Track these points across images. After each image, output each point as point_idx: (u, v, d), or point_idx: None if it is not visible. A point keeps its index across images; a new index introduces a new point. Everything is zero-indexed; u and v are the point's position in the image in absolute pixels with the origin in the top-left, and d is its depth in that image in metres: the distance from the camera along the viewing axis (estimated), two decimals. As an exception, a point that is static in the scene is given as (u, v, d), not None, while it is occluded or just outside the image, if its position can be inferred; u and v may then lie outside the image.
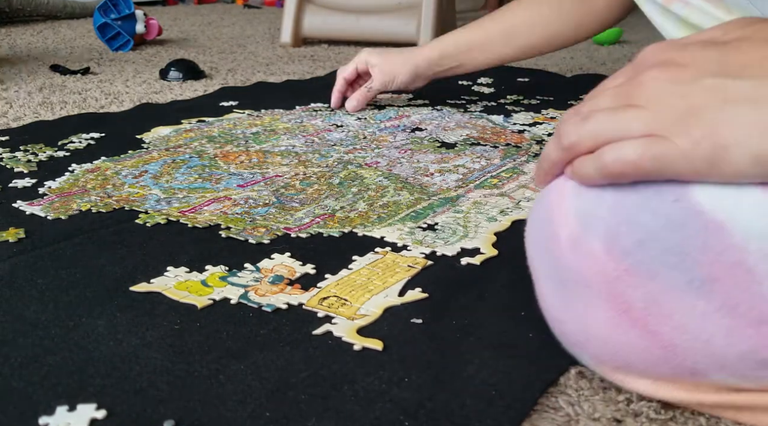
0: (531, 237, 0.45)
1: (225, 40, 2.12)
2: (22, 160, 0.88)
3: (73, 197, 0.76)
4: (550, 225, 0.42)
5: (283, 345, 0.49)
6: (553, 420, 0.42)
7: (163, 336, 0.49)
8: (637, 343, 0.39)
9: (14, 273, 0.59)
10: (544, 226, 0.43)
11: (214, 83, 1.40)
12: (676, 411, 0.42)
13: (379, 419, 0.41)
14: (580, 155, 0.40)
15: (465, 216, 0.71)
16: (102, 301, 0.54)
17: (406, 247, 0.64)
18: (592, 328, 0.41)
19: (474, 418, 0.41)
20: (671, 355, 0.39)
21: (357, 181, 0.81)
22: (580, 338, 0.42)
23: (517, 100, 1.25)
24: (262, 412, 0.42)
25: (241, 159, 0.89)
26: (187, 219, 0.70)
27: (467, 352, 0.48)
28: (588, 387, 0.45)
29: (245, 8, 3.39)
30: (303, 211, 0.72)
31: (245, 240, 0.65)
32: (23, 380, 0.45)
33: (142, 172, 0.84)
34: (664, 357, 0.39)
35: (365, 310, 0.53)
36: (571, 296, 0.41)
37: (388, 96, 1.27)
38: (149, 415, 0.41)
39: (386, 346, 0.48)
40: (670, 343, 0.38)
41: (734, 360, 0.37)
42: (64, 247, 0.64)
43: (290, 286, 0.57)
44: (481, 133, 1.02)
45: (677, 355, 0.39)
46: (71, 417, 0.41)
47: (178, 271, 0.59)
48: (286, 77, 1.47)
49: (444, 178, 0.83)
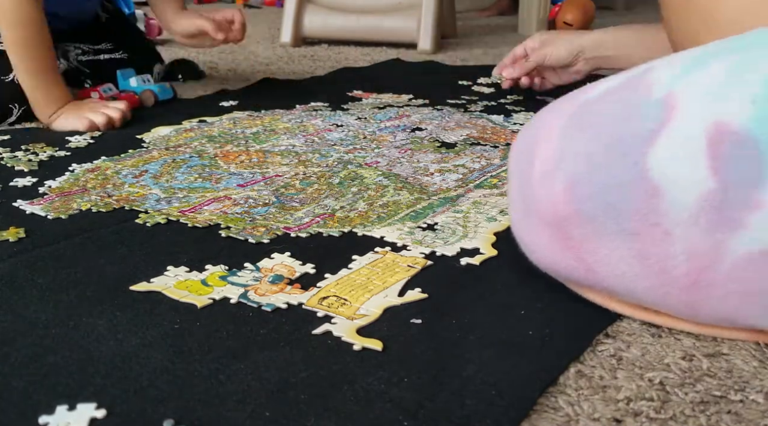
0: (513, 158, 0.56)
1: (225, 39, 2.12)
2: (23, 159, 0.88)
3: (74, 197, 0.76)
4: (530, 155, 0.52)
5: (283, 345, 0.49)
6: (553, 420, 0.42)
7: (163, 335, 0.49)
8: (569, 263, 0.51)
9: (14, 273, 0.59)
10: (526, 155, 0.53)
11: (214, 83, 1.40)
12: (676, 410, 0.42)
13: (378, 419, 0.41)
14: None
15: (465, 216, 0.71)
16: (102, 301, 0.54)
17: (405, 247, 0.64)
18: (540, 245, 0.53)
19: (474, 418, 0.41)
20: (592, 277, 0.51)
21: (357, 181, 0.81)
22: (533, 249, 0.55)
23: (517, 100, 1.25)
24: (262, 411, 0.42)
25: (241, 159, 0.89)
26: (187, 218, 0.70)
27: (467, 352, 0.48)
28: (588, 387, 0.45)
29: (245, 8, 3.39)
30: (303, 211, 0.72)
31: (245, 239, 0.65)
32: (23, 380, 0.45)
33: (143, 171, 0.84)
34: (587, 277, 0.51)
35: (365, 310, 0.53)
36: (528, 214, 0.53)
37: (389, 95, 1.27)
38: (149, 414, 0.41)
39: (386, 346, 0.48)
40: (593, 269, 0.50)
41: (639, 291, 0.49)
42: (64, 247, 0.64)
43: (290, 286, 0.57)
44: (481, 133, 1.02)
45: (597, 279, 0.51)
46: (71, 416, 0.41)
47: (178, 270, 0.59)
48: (286, 77, 1.48)
49: (444, 177, 0.83)
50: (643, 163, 0.46)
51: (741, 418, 0.42)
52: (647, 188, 0.46)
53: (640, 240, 0.47)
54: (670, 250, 0.46)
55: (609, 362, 0.47)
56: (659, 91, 0.47)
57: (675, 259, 0.46)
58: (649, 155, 0.45)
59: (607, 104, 0.50)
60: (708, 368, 0.47)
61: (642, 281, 0.48)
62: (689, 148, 0.45)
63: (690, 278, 0.46)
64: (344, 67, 1.59)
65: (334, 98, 1.24)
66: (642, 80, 0.49)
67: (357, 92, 1.30)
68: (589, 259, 0.50)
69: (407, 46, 1.90)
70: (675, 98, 0.46)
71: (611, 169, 0.47)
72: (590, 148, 0.49)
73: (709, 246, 0.45)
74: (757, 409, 0.43)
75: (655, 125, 0.46)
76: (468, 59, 1.76)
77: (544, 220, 0.51)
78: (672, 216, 0.45)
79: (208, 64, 1.63)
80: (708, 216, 0.44)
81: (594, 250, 0.49)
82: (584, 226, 0.49)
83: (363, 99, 1.25)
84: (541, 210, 0.51)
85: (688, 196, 0.45)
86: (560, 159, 0.50)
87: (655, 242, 0.46)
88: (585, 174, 0.48)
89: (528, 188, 0.52)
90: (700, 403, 0.43)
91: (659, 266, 0.47)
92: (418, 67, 1.63)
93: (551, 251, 0.52)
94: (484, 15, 2.81)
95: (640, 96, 0.48)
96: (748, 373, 0.46)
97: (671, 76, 0.48)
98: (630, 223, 0.47)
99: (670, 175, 0.45)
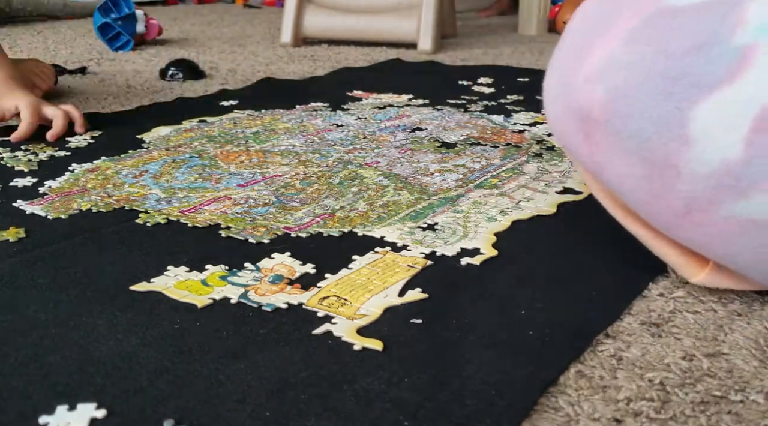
0: (575, 21, 0.55)
1: (225, 40, 2.12)
2: (23, 159, 0.88)
3: (74, 197, 0.76)
4: (591, 39, 0.52)
5: (283, 345, 0.49)
6: (553, 420, 0.42)
7: (163, 335, 0.49)
8: (583, 150, 0.53)
9: (14, 273, 0.59)
10: (589, 33, 0.53)
11: (214, 83, 1.40)
12: (677, 410, 0.42)
13: (378, 419, 0.41)
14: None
15: (465, 216, 0.71)
16: (102, 301, 0.54)
17: (405, 247, 0.64)
18: (562, 121, 0.54)
19: (474, 418, 0.41)
20: (596, 168, 0.53)
21: (357, 181, 0.81)
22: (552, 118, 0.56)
23: (517, 100, 1.25)
24: (262, 412, 0.42)
25: (241, 159, 0.89)
26: (187, 219, 0.70)
27: (467, 352, 0.48)
28: (588, 387, 0.45)
29: (245, 8, 3.39)
30: (303, 211, 0.72)
31: (245, 239, 0.65)
32: (23, 380, 0.45)
33: (143, 171, 0.84)
34: (593, 167, 0.54)
35: (365, 310, 0.53)
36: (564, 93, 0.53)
37: (389, 95, 1.27)
38: (149, 414, 0.41)
39: (386, 346, 0.48)
40: (601, 166, 0.52)
41: (629, 198, 0.53)
42: (64, 247, 0.64)
43: (290, 286, 0.57)
44: (482, 133, 1.02)
45: (600, 171, 0.53)
46: (71, 416, 0.41)
47: (178, 270, 0.59)
48: (286, 77, 1.48)
49: (444, 177, 0.83)
50: (688, 110, 0.46)
51: (741, 418, 0.42)
52: (681, 134, 0.46)
53: (652, 168, 0.49)
54: (676, 186, 0.48)
55: (609, 362, 0.47)
56: (744, 36, 0.45)
57: (676, 193, 0.48)
58: (698, 106, 0.45)
59: (683, 24, 0.47)
60: (708, 368, 0.47)
61: (640, 194, 0.51)
62: (738, 116, 0.45)
63: (682, 211, 0.49)
64: (344, 67, 1.59)
65: (334, 98, 1.24)
66: (734, 9, 0.46)
67: (357, 92, 1.30)
68: (601, 159, 0.52)
69: (407, 46, 1.90)
70: (753, 54, 0.44)
71: (655, 102, 0.47)
72: (645, 72, 0.48)
73: (709, 199, 0.47)
74: (758, 410, 0.43)
75: (719, 77, 0.45)
76: (468, 59, 1.76)
77: (574, 109, 0.52)
78: (691, 166, 0.47)
79: (209, 64, 1.63)
80: (721, 179, 0.46)
81: (608, 154, 0.51)
82: (609, 136, 0.50)
83: (363, 99, 1.25)
84: (576, 101, 0.52)
85: (714, 155, 0.46)
86: (613, 68, 0.49)
87: (664, 175, 0.48)
88: (628, 95, 0.48)
89: (573, 74, 0.52)
90: (701, 403, 0.43)
91: (660, 192, 0.49)
92: (418, 67, 1.63)
93: (570, 132, 0.54)
94: (484, 15, 2.82)
95: (722, 33, 0.45)
96: (749, 373, 0.46)
97: (762, 22, 0.45)
98: (650, 154, 0.48)
99: (708, 134, 0.45)
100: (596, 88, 0.50)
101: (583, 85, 0.51)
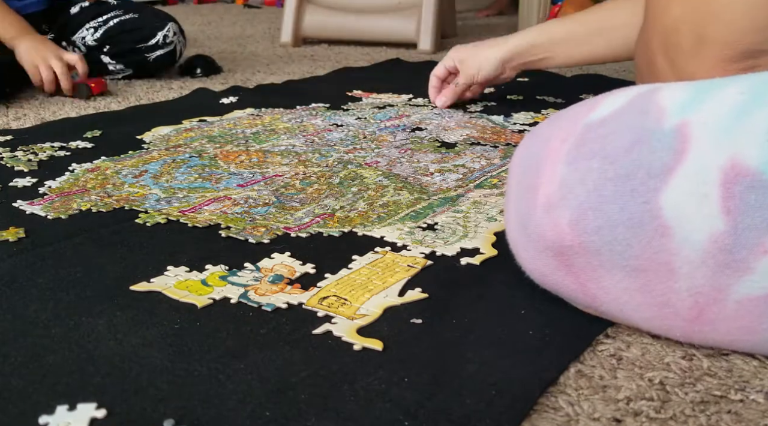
0: (514, 171, 0.54)
1: (225, 40, 2.12)
2: (23, 159, 0.88)
3: (73, 197, 0.76)
4: (535, 175, 0.50)
5: (283, 344, 0.49)
6: (553, 420, 0.42)
7: (163, 335, 0.49)
8: (569, 285, 0.50)
9: (14, 273, 0.59)
10: (530, 172, 0.51)
11: (214, 83, 1.40)
12: (677, 410, 0.42)
13: (379, 419, 0.41)
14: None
15: (465, 216, 0.71)
16: (102, 301, 0.54)
17: (405, 247, 0.64)
18: (538, 264, 0.52)
19: (474, 418, 0.41)
20: (591, 301, 0.50)
21: (357, 181, 0.81)
22: (528, 266, 0.53)
23: (517, 100, 1.25)
24: (262, 411, 0.42)
25: (241, 159, 0.89)
26: (187, 218, 0.70)
27: (467, 352, 0.48)
28: (588, 386, 0.45)
29: (245, 8, 3.39)
30: (303, 211, 0.72)
31: (245, 239, 0.65)
32: (23, 379, 0.45)
33: (142, 171, 0.84)
34: (586, 300, 0.51)
35: (365, 309, 0.53)
36: (528, 236, 0.51)
37: (389, 95, 1.27)
38: (149, 414, 0.41)
39: (386, 346, 0.48)
40: (594, 296, 0.49)
41: (636, 320, 0.49)
42: (64, 247, 0.64)
43: (290, 286, 0.57)
44: (481, 133, 1.02)
45: (596, 303, 0.50)
46: (71, 416, 0.41)
47: (178, 270, 0.59)
48: (286, 77, 1.48)
49: (444, 177, 0.83)
50: (655, 202, 0.44)
51: (741, 417, 0.42)
52: (657, 227, 0.44)
53: (645, 275, 0.46)
54: (675, 286, 0.45)
55: (609, 362, 0.47)
56: (671, 118, 0.46)
57: (679, 295, 0.46)
58: (662, 193, 0.44)
59: (614, 129, 0.47)
60: (708, 368, 0.47)
61: (644, 312, 0.48)
62: (703, 188, 0.43)
63: (693, 312, 0.46)
64: (344, 67, 1.59)
65: (334, 98, 1.24)
66: (651, 102, 0.47)
67: (357, 92, 1.30)
68: (591, 286, 0.49)
69: (407, 46, 1.90)
70: (688, 129, 0.45)
71: (620, 205, 0.45)
72: (598, 181, 0.46)
73: (713, 286, 0.44)
74: (757, 409, 0.43)
75: (669, 160, 0.44)
76: (468, 59, 1.75)
77: (545, 245, 0.50)
78: (681, 255, 0.44)
79: (208, 64, 1.63)
80: (716, 257, 0.44)
81: (596, 279, 0.48)
82: (588, 257, 0.48)
83: (363, 99, 1.25)
84: (543, 237, 0.49)
85: (698, 235, 0.44)
86: (566, 190, 0.48)
87: (660, 278, 0.46)
88: (592, 208, 0.46)
89: (530, 213, 0.50)
90: (700, 402, 0.43)
91: (663, 299, 0.46)
92: (418, 67, 1.63)
93: (550, 271, 0.51)
94: (484, 15, 2.82)
95: (650, 123, 0.46)
96: (749, 372, 0.46)
97: (683, 100, 0.46)
98: (637, 260, 0.46)
99: (682, 215, 0.44)
100: (559, 213, 0.48)
101: (545, 218, 0.49)
